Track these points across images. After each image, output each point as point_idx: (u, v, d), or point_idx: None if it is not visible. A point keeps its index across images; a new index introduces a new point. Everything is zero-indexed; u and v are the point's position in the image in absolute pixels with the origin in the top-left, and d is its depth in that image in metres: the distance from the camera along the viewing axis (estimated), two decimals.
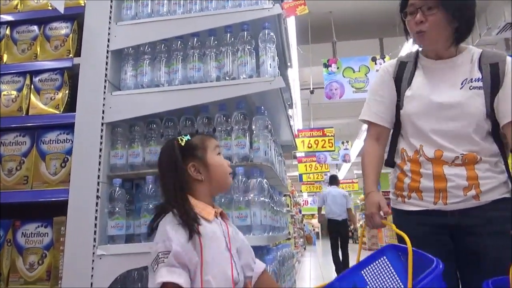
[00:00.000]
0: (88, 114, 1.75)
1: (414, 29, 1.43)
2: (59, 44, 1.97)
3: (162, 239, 1.10)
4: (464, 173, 1.38)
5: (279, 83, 1.66)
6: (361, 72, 5.68)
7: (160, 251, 1.08)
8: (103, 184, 1.71)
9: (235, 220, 1.56)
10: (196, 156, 1.24)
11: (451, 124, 1.41)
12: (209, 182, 1.25)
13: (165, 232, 1.11)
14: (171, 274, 1.05)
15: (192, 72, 1.76)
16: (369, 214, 1.45)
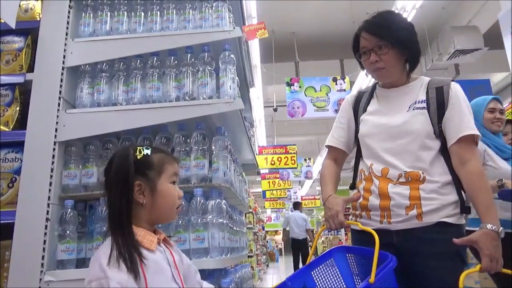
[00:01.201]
0: (40, 132, 1.68)
1: (371, 68, 1.53)
2: (10, 59, 1.89)
3: (97, 276, 0.98)
4: (407, 192, 1.43)
5: (239, 105, 1.68)
6: (322, 91, 5.84)
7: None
8: (54, 205, 1.64)
9: (192, 243, 1.54)
10: (147, 176, 1.10)
11: (398, 141, 1.48)
12: (150, 210, 1.11)
13: (101, 267, 0.98)
14: None
15: (151, 92, 1.74)
16: (334, 214, 1.43)
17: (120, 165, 1.08)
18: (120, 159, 1.10)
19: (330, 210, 1.45)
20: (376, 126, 1.54)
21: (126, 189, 1.06)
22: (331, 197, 1.48)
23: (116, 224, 1.05)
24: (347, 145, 1.66)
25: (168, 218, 1.20)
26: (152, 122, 1.71)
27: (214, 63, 1.77)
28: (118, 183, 1.06)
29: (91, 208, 1.79)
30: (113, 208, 1.06)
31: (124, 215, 1.05)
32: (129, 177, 1.07)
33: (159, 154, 1.17)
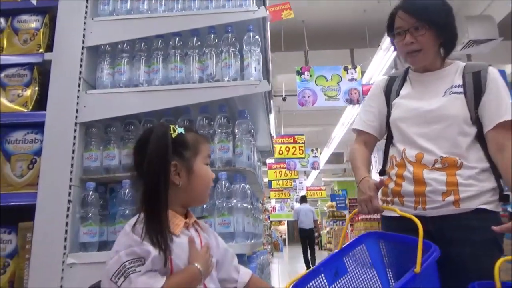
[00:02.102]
0: (60, 113, 1.65)
1: (405, 50, 1.49)
2: (28, 38, 1.84)
3: (125, 245, 0.94)
4: (444, 178, 1.39)
5: (265, 87, 1.63)
6: (333, 80, 5.76)
7: (127, 260, 0.91)
8: (75, 187, 1.61)
9: (218, 227, 1.50)
10: (183, 156, 1.05)
11: (433, 126, 1.44)
12: (186, 191, 1.06)
13: (129, 237, 0.95)
14: (157, 279, 0.90)
15: (173, 73, 1.70)
16: (367, 198, 1.38)
17: (158, 144, 1.02)
18: (159, 138, 1.03)
19: (363, 194, 1.41)
20: (410, 110, 1.50)
21: (164, 169, 1.01)
22: (365, 180, 1.44)
23: (151, 205, 0.99)
24: (377, 129, 1.62)
25: (202, 200, 1.16)
26: (175, 104, 1.66)
27: (238, 44, 1.72)
28: (156, 162, 1.00)
29: (111, 191, 1.76)
30: (149, 189, 1.00)
31: (162, 196, 1.00)
32: (167, 156, 1.01)
33: (192, 134, 1.13)
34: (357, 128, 1.66)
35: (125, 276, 0.90)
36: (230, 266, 1.19)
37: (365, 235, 1.44)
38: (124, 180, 1.61)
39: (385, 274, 1.43)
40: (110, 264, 0.94)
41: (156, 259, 0.93)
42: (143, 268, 0.91)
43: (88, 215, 1.58)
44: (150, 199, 0.99)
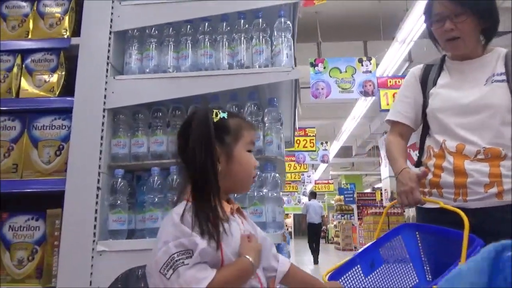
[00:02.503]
0: (89, 98, 1.62)
1: (444, 37, 1.44)
2: (54, 23, 1.81)
3: (173, 236, 0.91)
4: (487, 170, 1.35)
5: (297, 74, 1.59)
6: (347, 72, 5.70)
7: (175, 252, 0.89)
8: (104, 174, 1.58)
9: (250, 217, 1.47)
10: (223, 141, 1.03)
11: (475, 117, 1.40)
12: (225, 177, 1.03)
13: (176, 227, 0.93)
14: (206, 273, 0.88)
15: (203, 59, 1.66)
16: (408, 190, 1.35)
17: (201, 128, 1.01)
18: (201, 122, 1.02)
19: (403, 185, 1.37)
20: (449, 100, 1.46)
21: (210, 153, 0.98)
22: (405, 171, 1.40)
23: (201, 191, 0.97)
24: (413, 120, 1.58)
25: (243, 188, 1.14)
26: (204, 91, 1.63)
27: (269, 30, 1.68)
28: (200, 146, 0.98)
29: (138, 178, 1.74)
30: (196, 173, 0.98)
31: (212, 181, 0.98)
32: (211, 139, 0.99)
33: (236, 119, 1.09)
34: (392, 119, 1.61)
35: (173, 269, 0.88)
36: (270, 254, 1.17)
37: (402, 226, 1.41)
38: (153, 168, 1.58)
39: (421, 267, 1.40)
40: (159, 255, 0.91)
41: (204, 251, 0.90)
42: (191, 260, 0.89)
43: (117, 202, 1.56)
44: (199, 185, 0.97)
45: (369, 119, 10.26)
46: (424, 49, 5.59)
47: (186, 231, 0.92)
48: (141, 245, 1.49)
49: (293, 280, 1.18)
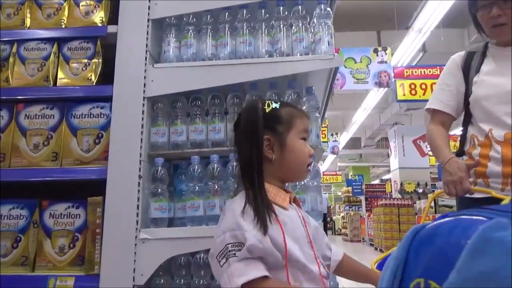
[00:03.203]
0: (128, 87, 1.61)
1: (491, 23, 1.42)
2: (90, 10, 1.80)
3: (230, 227, 0.94)
4: None
5: (338, 62, 1.57)
6: (362, 63, 5.66)
7: (230, 243, 0.92)
8: (144, 163, 1.58)
9: None
10: (276, 131, 1.05)
11: None
12: (279, 166, 1.05)
13: (234, 219, 0.95)
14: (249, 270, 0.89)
15: (242, 47, 1.64)
16: (457, 180, 1.34)
17: (248, 119, 1.05)
18: (249, 113, 1.07)
19: (452, 175, 1.35)
20: (494, 87, 1.44)
21: (256, 143, 1.01)
22: (453, 161, 1.39)
23: (248, 179, 1.00)
24: (454, 108, 1.56)
25: (298, 176, 1.14)
26: (243, 79, 1.62)
27: (308, 17, 1.66)
28: (248, 137, 1.02)
29: (176, 167, 1.74)
30: (244, 162, 1.03)
31: (255, 169, 1.00)
32: (258, 130, 1.02)
33: (288, 108, 1.10)
34: (434, 107, 1.60)
35: (226, 258, 0.91)
36: (322, 243, 1.17)
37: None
38: (193, 157, 1.58)
39: None
40: (217, 243, 0.95)
41: (252, 247, 0.91)
42: (240, 254, 0.90)
43: (158, 190, 1.56)
44: (245, 172, 1.01)
45: (379, 110, 10.21)
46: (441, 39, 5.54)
47: (241, 224, 0.93)
48: (183, 233, 1.50)
49: (347, 269, 1.18)
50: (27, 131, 1.68)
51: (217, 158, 1.57)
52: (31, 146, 1.67)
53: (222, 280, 0.91)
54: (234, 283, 0.87)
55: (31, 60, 1.75)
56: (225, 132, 1.63)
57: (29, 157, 1.65)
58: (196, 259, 1.49)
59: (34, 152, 1.66)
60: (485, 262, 0.34)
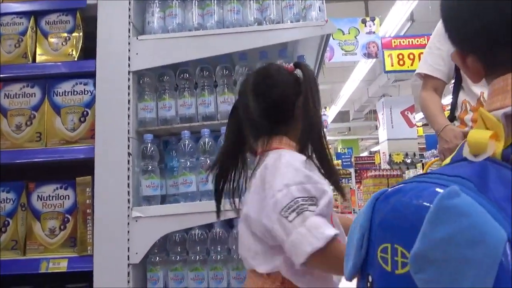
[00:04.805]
0: (112, 61, 1.54)
1: None
2: None
3: (296, 181, 0.87)
4: None
5: (331, 28, 1.52)
6: (350, 34, 5.58)
7: (299, 196, 0.85)
8: (133, 140, 1.53)
9: None
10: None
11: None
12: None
13: (299, 172, 0.89)
14: (329, 225, 0.84)
15: (230, 15, 1.57)
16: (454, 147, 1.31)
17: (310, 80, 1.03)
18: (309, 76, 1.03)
19: (448, 143, 1.34)
20: None
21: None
22: (448, 129, 1.37)
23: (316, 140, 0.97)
24: (445, 74, 1.53)
25: None
26: (233, 49, 1.55)
27: None
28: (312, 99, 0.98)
29: (166, 143, 1.69)
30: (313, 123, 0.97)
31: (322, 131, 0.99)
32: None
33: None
34: (424, 72, 1.56)
35: (297, 213, 0.84)
36: None
37: None
38: (183, 131, 1.53)
39: None
40: (279, 197, 0.87)
41: (332, 200, 0.88)
42: (317, 209, 0.85)
43: (149, 167, 1.52)
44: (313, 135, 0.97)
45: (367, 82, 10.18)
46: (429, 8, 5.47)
47: (312, 177, 0.89)
48: (176, 209, 1.47)
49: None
50: (7, 111, 1.60)
51: (208, 132, 1.53)
52: (13, 127, 1.59)
53: (293, 237, 0.83)
54: (322, 234, 0.81)
55: (7, 36, 1.65)
56: (215, 105, 1.58)
57: (12, 139, 1.59)
58: (191, 235, 1.47)
59: (17, 133, 1.59)
60: (444, 229, 0.37)
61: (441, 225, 0.38)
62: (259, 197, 0.93)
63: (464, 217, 0.37)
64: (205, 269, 1.43)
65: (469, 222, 0.36)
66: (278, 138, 1.01)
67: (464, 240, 0.36)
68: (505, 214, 0.37)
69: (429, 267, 0.38)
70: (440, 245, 0.37)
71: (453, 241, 0.37)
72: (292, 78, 1.05)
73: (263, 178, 0.94)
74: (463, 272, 0.36)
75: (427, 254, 0.38)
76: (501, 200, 0.38)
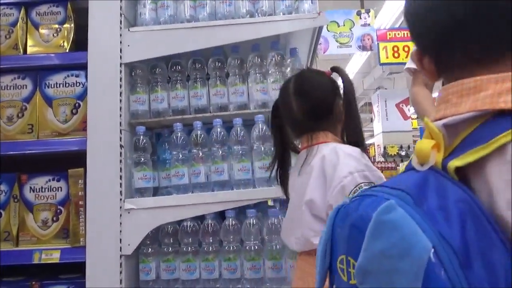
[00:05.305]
0: (103, 53, 1.53)
1: None
2: None
3: (358, 169, 0.98)
4: None
5: (323, 20, 1.52)
6: (345, 26, 5.56)
7: (362, 182, 0.96)
8: (125, 132, 1.53)
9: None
10: None
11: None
12: None
13: (359, 161, 1.00)
14: None
15: (222, 7, 1.57)
16: None
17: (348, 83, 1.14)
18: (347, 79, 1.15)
19: None
20: None
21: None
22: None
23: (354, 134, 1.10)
24: None
25: None
26: (225, 41, 1.55)
27: None
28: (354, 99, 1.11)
29: (158, 136, 1.70)
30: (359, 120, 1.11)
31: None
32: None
33: None
34: (414, 67, 1.57)
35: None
36: None
37: None
38: (176, 124, 1.54)
39: None
40: (346, 183, 0.97)
41: None
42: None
43: (141, 160, 1.52)
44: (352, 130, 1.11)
45: (362, 75, 10.17)
46: None
47: (370, 165, 1.00)
48: (169, 201, 1.48)
49: None
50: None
51: (200, 124, 1.53)
52: (5, 118, 1.59)
53: None
54: None
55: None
56: (207, 97, 1.58)
57: (3, 130, 1.58)
58: (183, 227, 1.48)
59: (8, 125, 1.59)
60: (379, 243, 0.40)
61: (377, 239, 0.40)
62: (320, 184, 1.02)
63: (396, 231, 0.39)
64: (197, 260, 1.45)
65: (400, 236, 0.38)
66: (323, 133, 1.10)
67: (395, 252, 0.38)
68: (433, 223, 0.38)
69: (369, 278, 0.40)
70: (376, 258, 0.40)
71: (386, 254, 0.39)
72: (330, 80, 1.15)
73: (322, 168, 1.03)
74: (395, 282, 0.38)
75: (367, 266, 0.40)
76: (434, 209, 0.40)
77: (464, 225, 0.38)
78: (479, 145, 0.41)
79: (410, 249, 0.37)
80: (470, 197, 0.40)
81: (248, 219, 1.43)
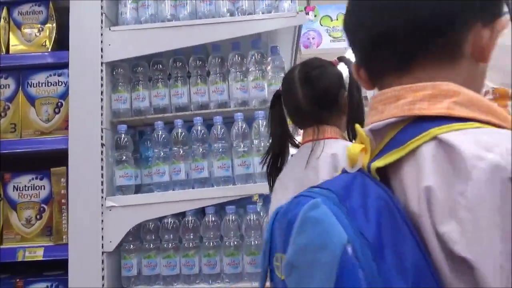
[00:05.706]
0: (85, 52, 1.54)
1: None
2: None
3: None
4: None
5: (302, 19, 1.53)
6: (338, 20, 5.54)
7: None
8: (107, 130, 1.55)
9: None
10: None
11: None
12: None
13: None
14: None
15: (202, 6, 1.58)
16: None
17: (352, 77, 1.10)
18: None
19: None
20: None
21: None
22: None
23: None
24: None
25: None
26: (206, 40, 1.57)
27: None
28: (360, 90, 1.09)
29: (141, 134, 1.71)
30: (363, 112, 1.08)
31: None
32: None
33: None
34: None
35: None
36: None
37: None
38: (157, 122, 1.55)
39: None
40: None
41: None
42: None
43: (123, 158, 1.54)
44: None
45: None
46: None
47: None
48: (150, 199, 1.50)
49: None
50: None
51: (181, 123, 1.55)
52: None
53: None
54: None
55: None
56: (188, 96, 1.60)
57: None
58: (164, 224, 1.50)
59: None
60: (303, 237, 0.42)
61: (302, 234, 0.43)
62: None
63: (318, 226, 0.41)
64: (177, 256, 1.47)
65: (320, 230, 0.41)
66: (329, 128, 1.08)
67: (315, 246, 0.41)
68: (353, 219, 0.41)
69: (294, 271, 0.43)
70: (300, 252, 0.42)
71: (308, 247, 0.41)
72: (336, 70, 1.12)
73: (335, 166, 1.01)
74: (313, 274, 0.40)
75: (293, 260, 0.43)
76: (356, 207, 0.42)
77: (380, 220, 0.41)
78: (397, 148, 0.44)
79: (327, 242, 0.40)
80: (387, 195, 0.43)
81: (227, 215, 1.45)
